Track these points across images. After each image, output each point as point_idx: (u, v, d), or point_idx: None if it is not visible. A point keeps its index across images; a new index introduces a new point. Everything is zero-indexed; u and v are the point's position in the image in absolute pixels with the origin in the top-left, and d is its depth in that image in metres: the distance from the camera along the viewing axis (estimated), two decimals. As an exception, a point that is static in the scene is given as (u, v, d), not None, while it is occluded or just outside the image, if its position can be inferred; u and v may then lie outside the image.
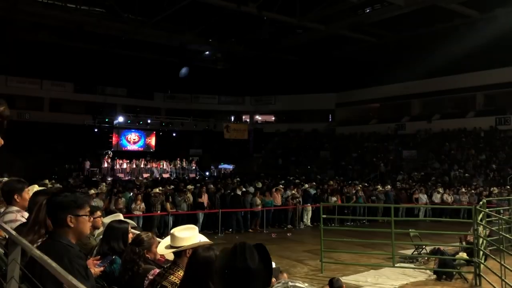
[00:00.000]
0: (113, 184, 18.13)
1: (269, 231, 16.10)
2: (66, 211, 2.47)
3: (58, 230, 2.48)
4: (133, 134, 35.64)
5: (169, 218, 14.45)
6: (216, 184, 19.19)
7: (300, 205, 17.43)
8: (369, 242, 12.63)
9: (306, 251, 12.15)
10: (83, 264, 2.40)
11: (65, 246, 2.40)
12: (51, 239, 2.47)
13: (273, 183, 20.85)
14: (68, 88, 37.14)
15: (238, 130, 37.54)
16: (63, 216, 2.46)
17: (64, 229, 2.46)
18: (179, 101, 41.87)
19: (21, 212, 3.57)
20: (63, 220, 2.46)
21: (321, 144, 37.55)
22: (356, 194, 18.91)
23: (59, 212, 2.47)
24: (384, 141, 34.08)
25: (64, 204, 2.47)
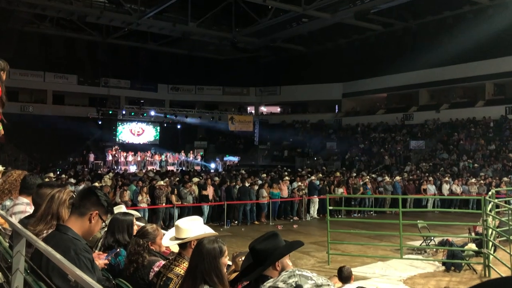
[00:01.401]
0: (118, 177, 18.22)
1: (275, 223, 16.16)
2: (96, 208, 2.51)
3: (68, 221, 2.50)
4: (137, 126, 35.71)
5: (175, 210, 14.53)
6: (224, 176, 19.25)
7: (306, 197, 17.44)
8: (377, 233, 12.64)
9: (313, 243, 12.19)
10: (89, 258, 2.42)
11: (72, 239, 2.42)
12: (58, 231, 2.49)
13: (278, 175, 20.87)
14: (71, 80, 37.20)
15: (243, 122, 37.50)
16: (91, 211, 2.50)
17: (78, 221, 2.49)
18: (183, 93, 41.86)
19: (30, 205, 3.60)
20: (87, 214, 2.50)
21: (327, 135, 37.46)
22: (363, 186, 18.88)
23: (89, 205, 2.51)
24: (391, 131, 33.94)
25: (99, 201, 2.54)
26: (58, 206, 2.90)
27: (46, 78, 36.07)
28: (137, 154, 31.25)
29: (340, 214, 17.79)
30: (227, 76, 41.17)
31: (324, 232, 10.75)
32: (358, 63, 36.38)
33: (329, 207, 10.93)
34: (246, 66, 41.53)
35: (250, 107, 45.60)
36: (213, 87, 42.53)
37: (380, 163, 29.08)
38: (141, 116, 35.79)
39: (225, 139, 39.98)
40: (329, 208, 10.84)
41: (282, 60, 41.11)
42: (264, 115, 44.43)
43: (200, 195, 15.43)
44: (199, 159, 34.53)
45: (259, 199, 16.31)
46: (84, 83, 37.68)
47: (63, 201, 2.93)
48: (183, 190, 14.94)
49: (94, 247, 3.84)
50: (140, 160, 31.02)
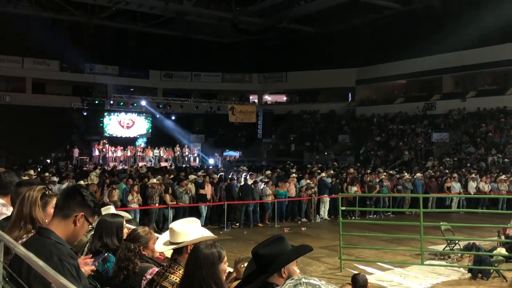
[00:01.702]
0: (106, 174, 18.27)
1: (281, 225, 16.18)
2: (81, 209, 2.51)
3: (51, 224, 2.50)
4: (127, 118, 35.76)
5: (169, 211, 14.57)
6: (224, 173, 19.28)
7: (316, 196, 17.46)
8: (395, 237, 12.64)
9: (323, 247, 12.20)
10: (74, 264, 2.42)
11: (55, 243, 2.41)
12: (39, 234, 2.48)
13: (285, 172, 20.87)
14: (52, 66, 37.25)
15: (245, 112, 37.49)
16: (75, 213, 2.50)
17: (62, 224, 2.49)
18: (177, 80, 41.86)
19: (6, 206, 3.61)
20: (72, 216, 2.50)
21: (339, 127, 37.42)
22: (379, 183, 18.87)
23: (74, 206, 2.51)
24: (411, 122, 33.88)
25: (85, 201, 2.53)
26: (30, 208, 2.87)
27: (24, 65, 36.13)
28: (127, 149, 31.32)
29: (353, 215, 17.78)
30: (227, 61, 41.12)
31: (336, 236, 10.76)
32: (374, 46, 36.24)
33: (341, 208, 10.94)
34: (248, 50, 41.43)
35: (252, 96, 45.54)
36: (211, 74, 42.49)
37: (398, 158, 29.05)
38: (131, 106, 35.84)
39: (225, 132, 40.00)
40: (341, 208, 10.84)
41: (289, 43, 40.99)
42: (268, 104, 44.38)
43: (197, 194, 15.45)
44: (195, 154, 34.57)
45: (263, 199, 16.33)
46: (67, 69, 37.71)
47: (34, 200, 2.91)
48: (179, 189, 14.98)
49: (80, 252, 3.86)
50: (130, 156, 31.09)
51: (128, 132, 35.72)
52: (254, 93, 45.04)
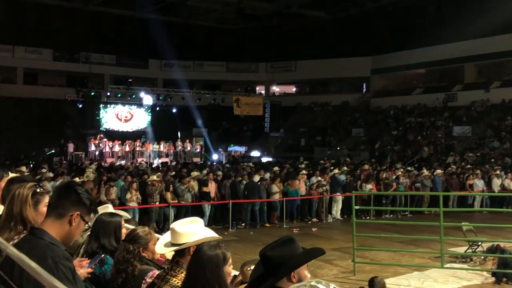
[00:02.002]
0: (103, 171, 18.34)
1: (290, 225, 16.19)
2: (76, 208, 2.51)
3: (44, 224, 2.50)
4: (125, 110, 35.86)
5: (170, 210, 14.61)
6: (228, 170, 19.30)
7: (327, 194, 17.44)
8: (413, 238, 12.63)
9: (335, 249, 12.21)
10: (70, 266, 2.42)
11: (49, 244, 2.41)
12: (32, 235, 2.48)
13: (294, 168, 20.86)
14: (45, 55, 37.37)
15: (251, 105, 37.49)
16: (70, 212, 2.50)
17: (56, 224, 2.50)
18: (179, 70, 41.87)
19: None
20: (67, 216, 2.50)
21: (353, 120, 37.33)
22: (396, 181, 18.82)
23: (68, 205, 2.50)
24: (431, 115, 33.73)
25: (80, 200, 2.52)
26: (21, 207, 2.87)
27: (15, 53, 36.27)
28: (125, 144, 31.43)
29: (368, 215, 17.76)
30: (231, 49, 41.07)
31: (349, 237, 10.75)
32: (390, 32, 36.06)
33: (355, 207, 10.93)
34: (254, 37, 41.36)
35: (259, 87, 45.50)
36: (215, 63, 42.49)
37: (416, 154, 28.96)
38: (129, 98, 35.95)
39: (230, 126, 40.01)
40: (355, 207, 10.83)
41: (298, 30, 40.84)
42: (276, 96, 44.36)
43: (200, 192, 15.49)
44: (198, 149, 34.62)
45: (271, 197, 16.34)
46: (61, 58, 37.83)
47: (25, 198, 2.91)
48: (180, 187, 15.01)
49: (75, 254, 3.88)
50: (129, 151, 31.20)
51: (126, 126, 35.83)
52: (261, 83, 44.98)
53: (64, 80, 39.31)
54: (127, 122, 35.98)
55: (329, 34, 39.01)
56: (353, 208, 10.81)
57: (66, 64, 37.82)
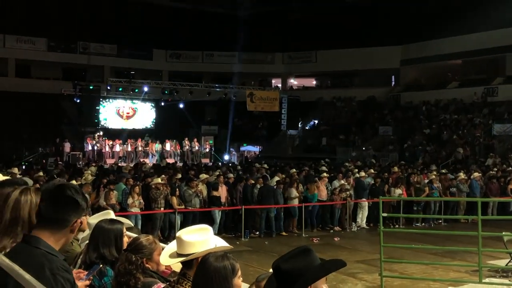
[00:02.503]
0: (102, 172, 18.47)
1: (310, 235, 16.16)
2: (77, 215, 2.54)
3: (38, 232, 2.51)
4: (127, 106, 36.06)
5: (176, 217, 14.67)
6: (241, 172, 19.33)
7: (352, 200, 17.39)
8: (447, 249, 12.54)
9: (360, 261, 12.17)
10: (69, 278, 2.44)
11: (46, 254, 2.42)
12: (26, 243, 2.48)
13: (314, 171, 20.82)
14: (39, 45, 37.69)
15: (267, 100, 37.46)
16: (72, 221, 2.52)
17: (55, 235, 2.51)
18: (186, 61, 42.02)
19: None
20: (68, 225, 2.52)
21: (380, 117, 37.16)
22: (429, 185, 18.70)
23: (71, 213, 2.52)
24: (468, 111, 33.47)
25: (79, 205, 2.55)
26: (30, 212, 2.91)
27: (6, 43, 36.62)
28: (127, 143, 31.63)
29: (397, 223, 17.69)
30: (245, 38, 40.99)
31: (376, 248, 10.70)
32: (422, 19, 35.79)
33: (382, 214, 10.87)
34: (270, 25, 41.33)
35: (275, 80, 45.46)
36: (227, 53, 42.53)
37: (452, 155, 28.76)
38: (132, 93, 36.10)
39: (242, 123, 40.04)
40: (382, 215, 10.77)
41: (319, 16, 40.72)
42: (294, 90, 44.29)
43: (210, 196, 15.52)
44: (207, 149, 34.71)
45: (288, 203, 16.33)
46: (56, 48, 38.13)
47: (35, 204, 2.95)
48: (188, 191, 15.06)
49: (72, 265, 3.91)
50: (131, 151, 31.38)
51: (128, 123, 36.03)
52: (277, 76, 44.94)
53: (59, 72, 39.60)
54: (129, 119, 36.17)
55: (353, 20, 38.81)
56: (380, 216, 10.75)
57: (62, 55, 38.12)
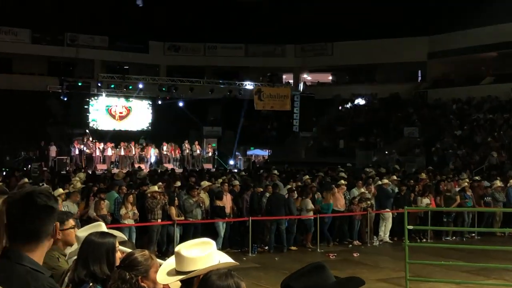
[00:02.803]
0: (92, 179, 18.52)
1: (326, 250, 16.12)
2: (54, 220, 2.56)
3: (18, 245, 2.51)
4: (120, 105, 36.15)
5: (175, 229, 14.67)
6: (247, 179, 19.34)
7: (373, 211, 17.34)
8: (481, 266, 12.48)
9: (383, 280, 12.12)
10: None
11: (30, 271, 2.42)
12: (8, 259, 2.47)
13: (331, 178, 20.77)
14: (22, 37, 37.87)
15: (276, 97, 37.44)
16: (50, 227, 2.54)
17: (38, 247, 2.51)
18: (186, 54, 42.10)
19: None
20: (48, 232, 2.54)
21: (405, 117, 37.06)
22: (460, 193, 18.63)
23: (49, 224, 2.53)
24: (504, 110, 33.36)
25: (52, 209, 2.56)
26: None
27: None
28: (120, 146, 31.68)
29: (425, 237, 17.62)
30: (252, 28, 41.09)
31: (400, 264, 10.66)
32: (453, 6, 35.70)
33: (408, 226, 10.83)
34: (280, 13, 41.35)
35: (286, 75, 45.46)
36: (232, 45, 42.59)
37: (486, 159, 28.64)
38: (125, 90, 36.18)
39: (249, 124, 40.06)
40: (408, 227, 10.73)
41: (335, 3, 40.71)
42: (308, 86, 44.24)
43: (213, 207, 15.52)
44: (210, 153, 34.73)
45: (302, 214, 16.30)
46: (41, 40, 38.28)
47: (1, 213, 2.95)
48: (188, 200, 15.06)
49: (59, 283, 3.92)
50: (124, 155, 31.44)
51: (121, 124, 36.10)
52: (288, 71, 44.95)
53: (45, 67, 39.75)
54: (122, 119, 36.24)
55: (373, 8, 38.78)
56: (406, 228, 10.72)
57: (47, 47, 38.28)
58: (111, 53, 39.82)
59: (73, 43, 38.82)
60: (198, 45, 42.42)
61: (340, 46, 41.60)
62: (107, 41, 39.94)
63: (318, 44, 42.72)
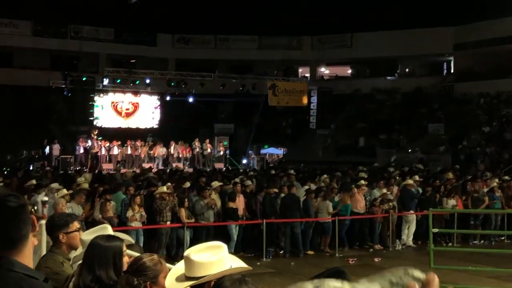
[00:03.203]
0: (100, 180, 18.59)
1: (345, 254, 16.09)
2: (28, 218, 2.58)
3: (9, 252, 2.52)
4: (126, 101, 36.26)
5: (185, 232, 14.71)
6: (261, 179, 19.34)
7: (395, 213, 17.29)
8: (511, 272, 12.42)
9: (406, 286, 12.08)
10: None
11: (24, 277, 2.42)
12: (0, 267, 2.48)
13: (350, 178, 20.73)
14: (23, 29, 38.03)
15: (292, 92, 37.44)
16: (29, 227, 2.56)
17: (25, 251, 2.53)
18: (197, 47, 42.13)
19: None
20: (29, 233, 2.55)
21: (429, 112, 36.90)
22: (489, 194, 18.54)
23: (22, 223, 2.54)
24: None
25: (23, 208, 2.58)
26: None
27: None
28: (126, 145, 31.78)
29: (451, 241, 17.55)
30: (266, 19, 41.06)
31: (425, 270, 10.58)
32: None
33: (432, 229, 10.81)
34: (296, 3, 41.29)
35: (303, 69, 45.40)
36: (244, 37, 42.57)
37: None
38: (132, 85, 36.31)
39: (263, 120, 40.07)
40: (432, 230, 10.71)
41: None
42: (326, 81, 44.19)
43: (225, 208, 15.55)
44: (221, 151, 34.76)
45: (318, 216, 16.30)
46: (43, 33, 38.41)
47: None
48: (199, 202, 15.09)
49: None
50: (131, 154, 31.54)
51: (127, 122, 36.23)
52: (305, 64, 44.86)
53: (47, 61, 39.89)
54: (128, 116, 36.37)
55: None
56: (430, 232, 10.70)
57: (49, 40, 38.39)
58: (117, 46, 39.90)
59: (77, 36, 38.94)
60: (209, 37, 42.43)
61: (360, 37, 41.46)
62: (112, 33, 40.03)
63: (336, 35, 42.59)
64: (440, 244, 16.14)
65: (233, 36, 42.56)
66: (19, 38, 37.63)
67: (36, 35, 38.23)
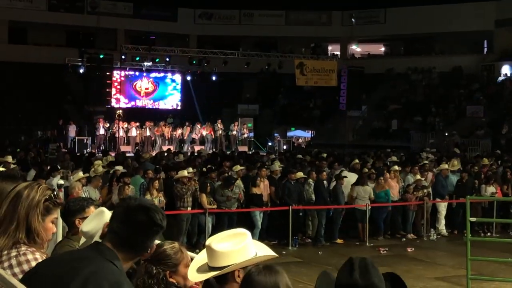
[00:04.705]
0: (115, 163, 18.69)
1: (376, 243, 16.09)
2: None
3: (119, 252, 2.70)
4: (145, 80, 36.39)
5: (207, 219, 14.76)
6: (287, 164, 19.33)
7: (430, 201, 17.20)
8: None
9: (440, 278, 12.08)
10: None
11: (118, 270, 2.63)
12: (100, 254, 2.65)
13: (383, 163, 20.64)
14: (37, 3, 38.21)
15: (321, 71, 37.24)
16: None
17: (134, 257, 2.87)
18: (220, 23, 42.06)
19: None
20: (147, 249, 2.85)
21: (468, 94, 36.58)
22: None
23: (152, 238, 2.85)
24: None
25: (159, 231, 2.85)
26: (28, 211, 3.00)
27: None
28: (145, 126, 31.90)
29: (489, 231, 17.44)
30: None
31: (461, 261, 10.57)
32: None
33: (470, 218, 10.72)
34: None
35: (332, 46, 45.18)
36: (270, 13, 42.40)
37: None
38: (152, 63, 36.39)
39: (290, 101, 39.96)
40: (470, 219, 10.62)
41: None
42: (357, 59, 43.90)
43: (249, 195, 15.56)
44: (246, 134, 34.78)
45: (357, 202, 16.26)
46: (59, 8, 38.55)
47: (36, 203, 3.04)
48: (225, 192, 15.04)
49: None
50: (150, 136, 31.66)
51: (147, 102, 36.37)
52: (335, 41, 44.64)
53: (63, 37, 40.12)
54: (148, 96, 36.50)
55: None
56: (468, 221, 10.61)
57: (65, 15, 38.52)
58: (135, 22, 39.96)
59: (94, 11, 39.01)
60: (233, 12, 42.32)
61: (394, 12, 41.12)
62: (131, 8, 40.06)
63: (369, 10, 42.26)
64: (478, 234, 16.05)
65: (258, 11, 42.39)
66: (33, 13, 37.77)
67: (51, 10, 38.37)
